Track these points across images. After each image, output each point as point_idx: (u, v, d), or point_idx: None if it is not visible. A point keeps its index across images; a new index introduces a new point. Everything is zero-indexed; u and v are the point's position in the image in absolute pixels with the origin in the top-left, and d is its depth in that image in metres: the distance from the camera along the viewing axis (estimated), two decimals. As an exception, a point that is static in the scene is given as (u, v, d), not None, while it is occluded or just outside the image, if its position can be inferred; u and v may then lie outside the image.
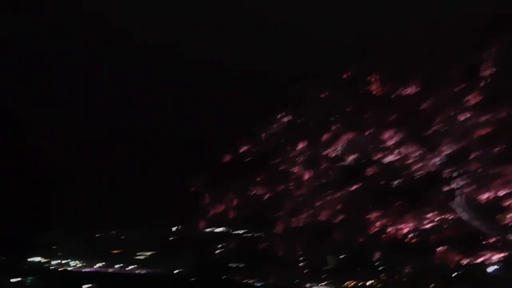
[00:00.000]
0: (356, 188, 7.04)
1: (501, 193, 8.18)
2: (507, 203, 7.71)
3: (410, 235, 8.52)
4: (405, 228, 8.46)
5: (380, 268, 24.48)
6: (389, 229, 8.19)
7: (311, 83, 9.02)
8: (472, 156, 6.74)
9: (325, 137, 6.79)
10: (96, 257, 34.96)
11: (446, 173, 6.90)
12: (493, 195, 8.53)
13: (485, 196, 8.60)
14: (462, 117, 6.61)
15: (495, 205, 8.58)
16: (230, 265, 29.75)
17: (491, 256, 8.76)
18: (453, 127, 6.45)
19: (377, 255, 11.89)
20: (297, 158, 7.15)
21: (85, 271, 33.22)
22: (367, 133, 6.60)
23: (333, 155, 7.07)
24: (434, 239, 8.73)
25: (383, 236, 8.43)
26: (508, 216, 8.63)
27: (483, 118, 6.59)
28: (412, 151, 6.54)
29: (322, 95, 7.97)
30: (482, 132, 6.66)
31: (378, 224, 8.03)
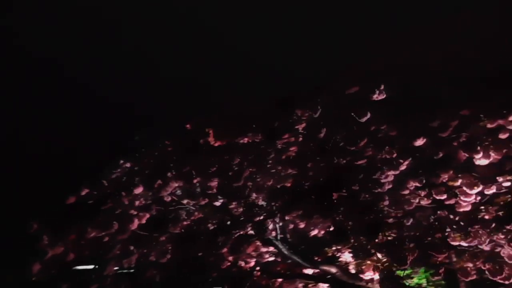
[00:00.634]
0: (187, 230, 7.80)
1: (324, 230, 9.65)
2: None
3: (253, 269, 9.44)
4: (251, 261, 9.41)
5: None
6: (229, 264, 9.01)
7: (157, 129, 9.80)
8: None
9: (158, 183, 7.49)
10: None
11: (264, 215, 7.99)
12: (318, 232, 10.00)
13: (312, 232, 10.05)
14: (273, 170, 7.89)
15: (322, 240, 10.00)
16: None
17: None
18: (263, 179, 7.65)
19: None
20: (134, 202, 7.72)
21: None
22: (195, 181, 7.48)
23: (167, 200, 7.82)
24: (271, 271, 9.73)
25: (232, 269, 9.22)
26: (330, 249, 10.11)
27: (290, 172, 7.89)
28: (232, 198, 7.56)
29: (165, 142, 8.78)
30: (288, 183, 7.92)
31: (217, 260, 8.83)
